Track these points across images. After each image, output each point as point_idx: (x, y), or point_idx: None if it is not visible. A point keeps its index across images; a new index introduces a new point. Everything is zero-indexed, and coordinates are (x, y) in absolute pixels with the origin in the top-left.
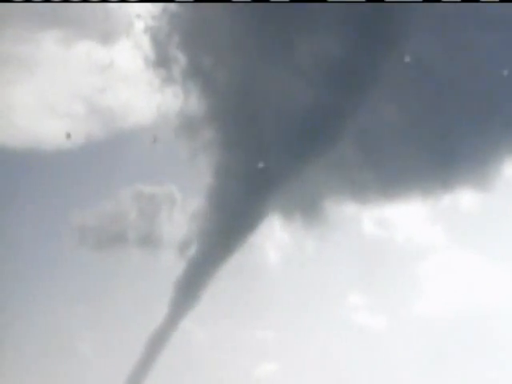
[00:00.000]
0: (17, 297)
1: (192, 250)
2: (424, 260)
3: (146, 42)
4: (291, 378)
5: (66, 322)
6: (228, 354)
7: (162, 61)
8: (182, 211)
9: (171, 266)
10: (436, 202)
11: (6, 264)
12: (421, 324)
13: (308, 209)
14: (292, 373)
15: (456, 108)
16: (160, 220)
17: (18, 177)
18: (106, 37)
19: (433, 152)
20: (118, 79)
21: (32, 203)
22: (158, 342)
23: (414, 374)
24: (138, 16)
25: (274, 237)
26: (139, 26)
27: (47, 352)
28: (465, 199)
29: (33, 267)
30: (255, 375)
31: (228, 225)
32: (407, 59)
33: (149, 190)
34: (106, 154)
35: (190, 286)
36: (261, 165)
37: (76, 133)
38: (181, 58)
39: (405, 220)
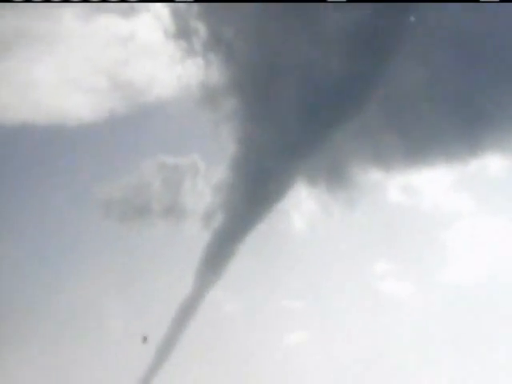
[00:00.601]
0: (43, 271)
1: (217, 220)
2: (450, 227)
3: (165, 14)
4: (321, 346)
5: (93, 294)
6: (258, 324)
7: (182, 33)
8: (205, 181)
9: (196, 236)
10: (462, 167)
11: (34, 239)
12: (447, 291)
13: (333, 176)
14: (321, 341)
15: (484, 71)
16: (184, 191)
17: (42, 152)
18: (126, 10)
19: (459, 116)
20: (138, 52)
21: (57, 178)
22: (186, 312)
23: (440, 340)
24: None
25: (301, 205)
26: None
27: (76, 325)
28: (492, 165)
29: (59, 242)
30: (285, 344)
31: (253, 194)
32: (412, 19)
33: (172, 161)
34: (129, 127)
35: (217, 256)
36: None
37: (99, 107)
38: (201, 30)
39: (430, 187)
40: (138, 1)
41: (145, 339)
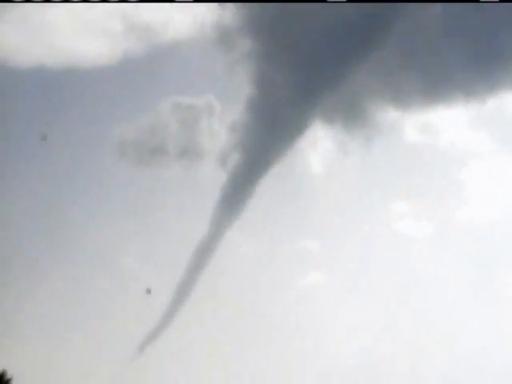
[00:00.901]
0: (59, 213)
1: (233, 161)
2: (468, 166)
3: None
4: (337, 286)
5: (110, 235)
6: (274, 265)
7: None
8: (221, 122)
9: (212, 176)
10: (480, 105)
11: (49, 180)
12: (465, 230)
13: (350, 115)
14: (338, 281)
15: (504, 6)
16: (199, 131)
17: (56, 95)
18: None
19: (477, 53)
20: None
21: (72, 120)
22: (203, 253)
23: (457, 278)
24: None
25: (317, 145)
26: None
27: (93, 266)
28: (510, 103)
29: (74, 184)
30: (301, 284)
31: (269, 134)
32: None
33: (187, 101)
34: (144, 69)
35: (233, 197)
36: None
37: (114, 49)
38: None
39: (447, 125)
40: (138, 1)
41: (148, 291)
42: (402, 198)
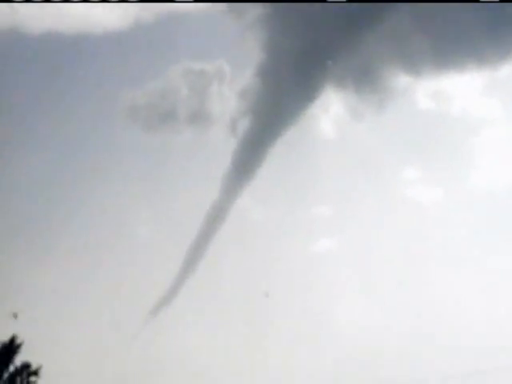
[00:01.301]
0: (70, 178)
1: (243, 126)
2: (480, 133)
3: None
4: (348, 252)
5: (120, 202)
6: (286, 231)
7: None
8: (231, 87)
9: (222, 142)
10: (493, 72)
11: (60, 146)
12: (476, 197)
13: (363, 80)
14: (349, 248)
15: None
16: (210, 96)
17: (68, 60)
18: None
19: (490, 17)
20: None
21: (82, 86)
22: (214, 218)
23: (469, 244)
24: None
25: (330, 110)
26: None
27: (104, 232)
28: None
29: (86, 148)
30: (313, 251)
31: (281, 99)
32: None
33: (198, 67)
34: (155, 35)
35: (244, 162)
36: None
37: (125, 14)
38: None
39: (460, 92)
40: (138, 1)
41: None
42: (413, 165)
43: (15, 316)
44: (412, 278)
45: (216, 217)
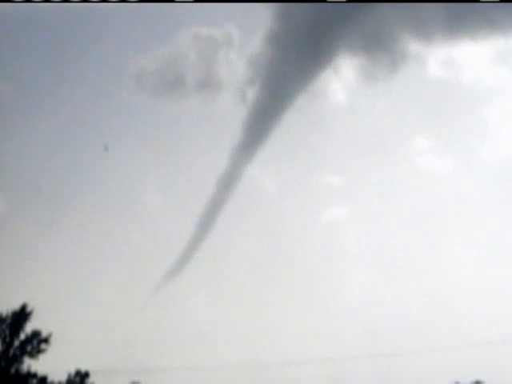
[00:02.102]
0: (77, 143)
1: (253, 93)
2: (491, 102)
3: None
4: (359, 222)
5: (129, 169)
6: (296, 200)
7: None
8: (241, 53)
9: (232, 108)
10: (506, 40)
11: (68, 112)
12: (487, 167)
13: (374, 47)
14: (359, 217)
15: None
16: (219, 62)
17: (77, 27)
18: None
19: None
20: None
21: (90, 51)
22: (225, 186)
23: (480, 215)
24: None
25: (341, 78)
26: None
27: (115, 199)
28: None
29: (95, 115)
30: (323, 220)
31: (292, 65)
32: None
33: (207, 32)
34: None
35: (254, 130)
36: None
37: None
38: None
39: (472, 60)
40: (138, 1)
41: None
42: (424, 134)
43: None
44: (422, 247)
45: (227, 184)
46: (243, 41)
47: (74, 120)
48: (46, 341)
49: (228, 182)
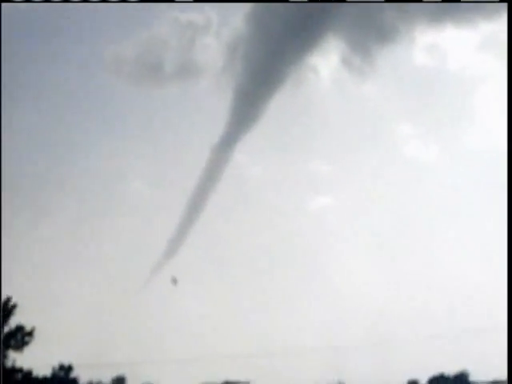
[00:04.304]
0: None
1: (237, 78)
2: (478, 89)
3: None
4: (345, 210)
5: (113, 158)
6: (282, 188)
7: None
8: (220, 38)
9: (215, 94)
10: (493, 24)
11: (46, 100)
12: (472, 154)
13: (359, 32)
14: (346, 205)
15: None
16: (198, 47)
17: (55, 12)
18: None
19: None
20: None
21: (68, 36)
22: (210, 174)
23: (465, 203)
24: None
25: (327, 62)
26: None
27: (98, 190)
28: None
29: (71, 103)
30: (309, 208)
31: (276, 49)
32: None
33: (186, 17)
34: None
35: (239, 115)
36: None
37: None
38: None
39: (457, 46)
40: (139, 1)
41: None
42: (409, 121)
43: (175, 281)
44: (409, 234)
45: (213, 172)
46: (224, 25)
47: (52, 108)
48: (30, 334)
49: (214, 170)
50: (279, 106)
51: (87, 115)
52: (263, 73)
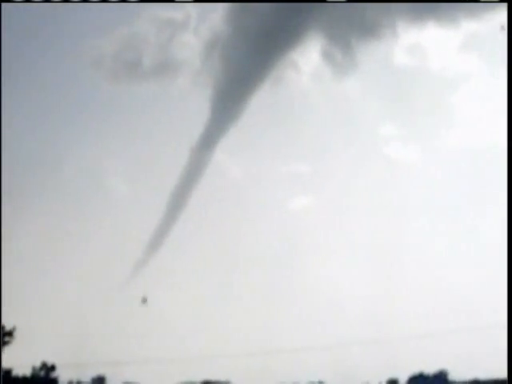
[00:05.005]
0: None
1: (215, 77)
2: (459, 89)
3: None
4: (326, 210)
5: (92, 154)
6: (262, 187)
7: None
8: (201, 35)
9: (193, 93)
10: (476, 23)
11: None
12: (453, 154)
13: (339, 31)
14: (327, 205)
15: None
16: (178, 44)
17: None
18: None
19: None
20: None
21: (47, 33)
22: (190, 173)
23: (446, 203)
24: None
25: (307, 64)
26: None
27: (76, 187)
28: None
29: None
30: (290, 208)
31: (256, 45)
32: None
33: (166, 14)
34: None
35: (218, 114)
36: None
37: None
38: None
39: (439, 46)
40: (138, 1)
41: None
42: (390, 122)
43: (145, 301)
44: (389, 233)
45: (192, 171)
46: (202, 22)
47: (28, 104)
48: (10, 334)
49: (193, 169)
50: (260, 104)
51: (65, 111)
52: (242, 70)
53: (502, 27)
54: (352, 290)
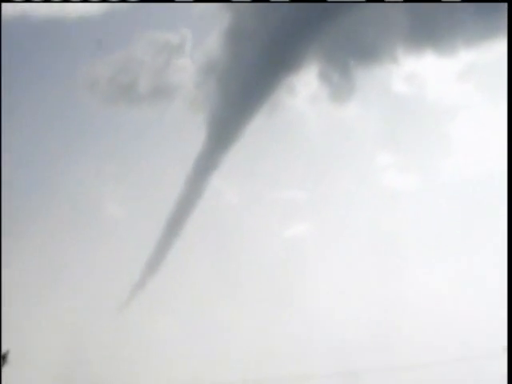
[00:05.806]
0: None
1: (211, 101)
2: (456, 119)
3: None
4: (322, 238)
5: (86, 179)
6: (259, 215)
7: None
8: (197, 58)
9: (189, 118)
10: (475, 53)
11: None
12: (451, 184)
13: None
14: (323, 233)
15: None
16: (173, 68)
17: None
18: None
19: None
20: None
21: (42, 55)
22: (187, 200)
23: (443, 231)
24: None
25: (305, 91)
26: None
27: (71, 213)
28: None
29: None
30: (286, 235)
31: (253, 72)
32: None
33: (161, 37)
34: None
35: (215, 140)
36: None
37: None
38: None
39: (436, 75)
40: (138, 1)
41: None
42: (387, 150)
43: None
44: (386, 265)
45: (188, 198)
46: (199, 45)
47: (21, 127)
48: (3, 358)
49: (189, 196)
50: (257, 129)
51: (59, 135)
52: (239, 95)
53: None
54: (349, 319)
